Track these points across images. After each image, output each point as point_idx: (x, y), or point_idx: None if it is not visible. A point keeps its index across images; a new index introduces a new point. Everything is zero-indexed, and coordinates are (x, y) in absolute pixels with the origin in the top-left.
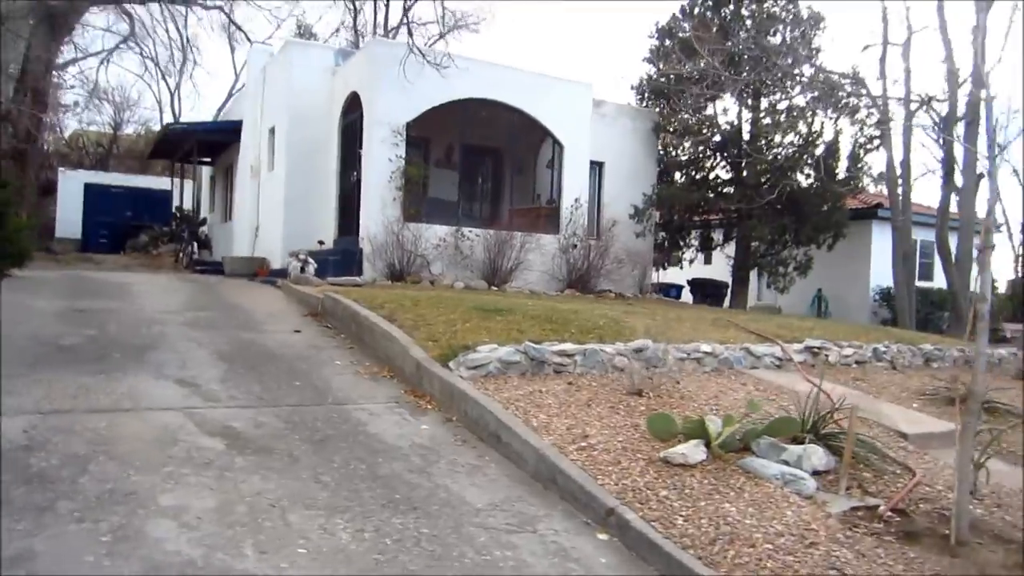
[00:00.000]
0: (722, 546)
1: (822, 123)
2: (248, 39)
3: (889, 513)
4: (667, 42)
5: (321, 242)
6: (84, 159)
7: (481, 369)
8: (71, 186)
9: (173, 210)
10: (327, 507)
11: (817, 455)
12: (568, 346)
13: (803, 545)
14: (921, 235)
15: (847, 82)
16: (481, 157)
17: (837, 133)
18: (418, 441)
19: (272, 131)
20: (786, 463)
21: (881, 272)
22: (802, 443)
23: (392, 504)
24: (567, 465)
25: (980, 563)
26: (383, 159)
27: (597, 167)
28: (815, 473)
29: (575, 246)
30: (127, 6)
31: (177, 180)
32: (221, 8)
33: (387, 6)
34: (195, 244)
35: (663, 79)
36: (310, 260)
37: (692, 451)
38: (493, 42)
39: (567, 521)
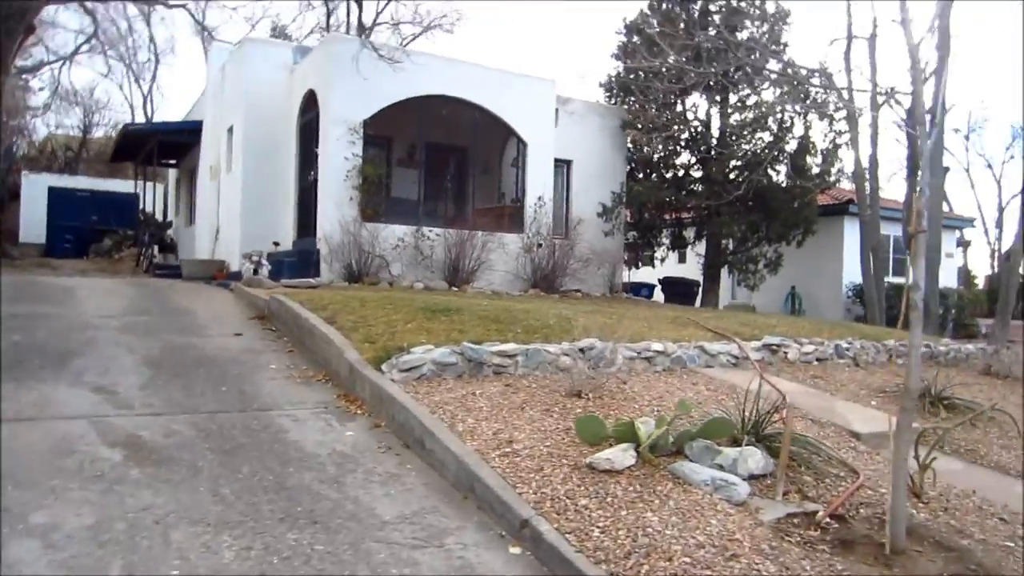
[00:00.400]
0: (637, 560)
1: (791, 119)
2: (213, 39)
3: (827, 520)
4: (635, 38)
5: (276, 243)
6: (53, 163)
7: (414, 371)
8: (35, 190)
9: (138, 214)
10: (218, 522)
11: (754, 458)
12: (509, 346)
13: (723, 558)
14: (892, 230)
15: (815, 77)
16: (446, 156)
17: (807, 129)
18: (339, 449)
19: (230, 131)
20: (720, 467)
21: (854, 269)
22: (741, 445)
23: (291, 518)
24: (486, 473)
25: (915, 573)
26: (339, 158)
27: (565, 165)
28: (752, 477)
29: (540, 245)
30: (89, 5)
31: (147, 183)
32: (184, 7)
33: (360, 6)
34: (155, 248)
35: (631, 76)
36: (264, 262)
37: (619, 456)
38: (465, 43)
39: (480, 534)
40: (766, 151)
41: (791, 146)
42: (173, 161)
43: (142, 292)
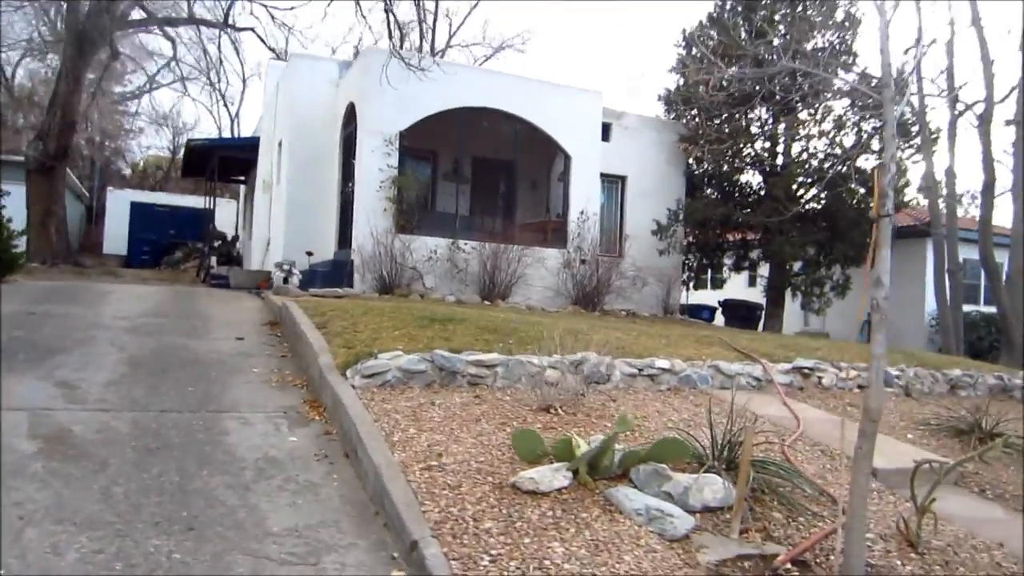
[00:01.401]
0: None
1: (862, 132)
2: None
3: (787, 566)
4: (693, 51)
5: (310, 253)
6: (144, 181)
7: (377, 378)
8: (118, 205)
9: (208, 229)
10: (85, 523)
11: (712, 487)
12: (487, 356)
13: None
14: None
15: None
16: (492, 170)
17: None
18: (271, 454)
19: (280, 145)
20: (668, 495)
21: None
22: (706, 471)
23: (168, 523)
24: (397, 487)
25: None
26: (374, 169)
27: (619, 181)
28: (707, 510)
29: (583, 261)
30: (169, 30)
31: (225, 199)
32: (252, 30)
33: (434, 30)
34: (213, 259)
35: (689, 88)
36: (294, 271)
37: (546, 476)
38: (531, 61)
39: (369, 554)
40: (833, 167)
41: (866, 162)
42: (242, 177)
43: (175, 298)
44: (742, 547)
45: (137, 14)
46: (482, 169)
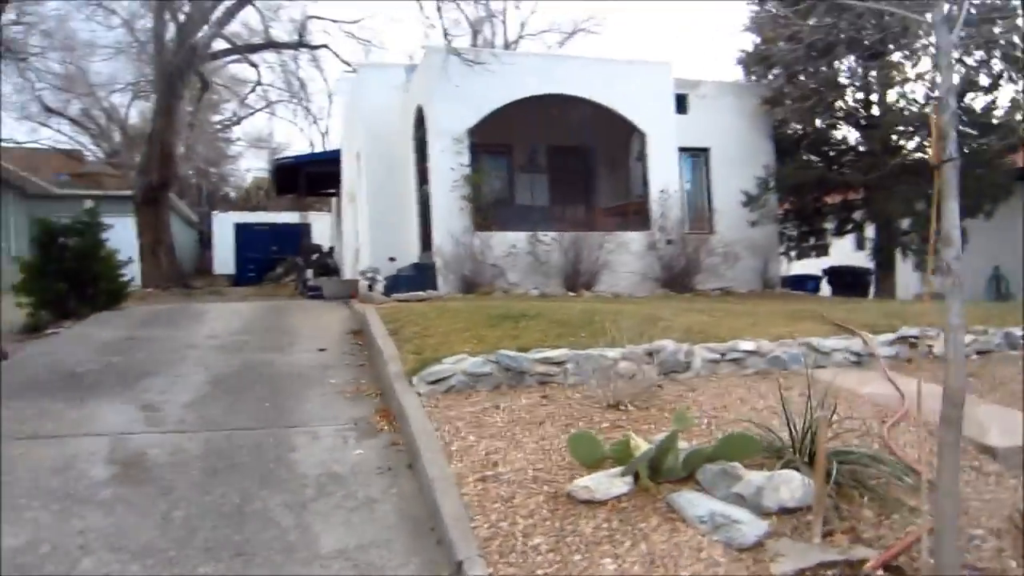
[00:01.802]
0: None
1: (968, 68)
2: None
3: (879, 572)
4: (768, 4)
5: (392, 258)
6: (248, 203)
7: (442, 384)
8: (224, 226)
9: (302, 243)
10: (139, 550)
11: (790, 485)
12: (556, 352)
13: None
14: None
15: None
16: (571, 157)
17: (970, 78)
18: (335, 469)
19: (358, 155)
20: (740, 497)
21: None
22: (783, 467)
23: (219, 548)
24: (449, 501)
25: None
26: (446, 169)
27: (702, 154)
28: (785, 511)
29: (670, 242)
30: (253, 56)
31: (317, 212)
32: (327, 46)
33: (504, 23)
34: (309, 272)
35: (766, 47)
36: (378, 277)
37: (603, 483)
38: (607, 42)
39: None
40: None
41: (973, 101)
42: (332, 190)
43: (267, 313)
44: (824, 553)
45: (219, 44)
46: (559, 157)
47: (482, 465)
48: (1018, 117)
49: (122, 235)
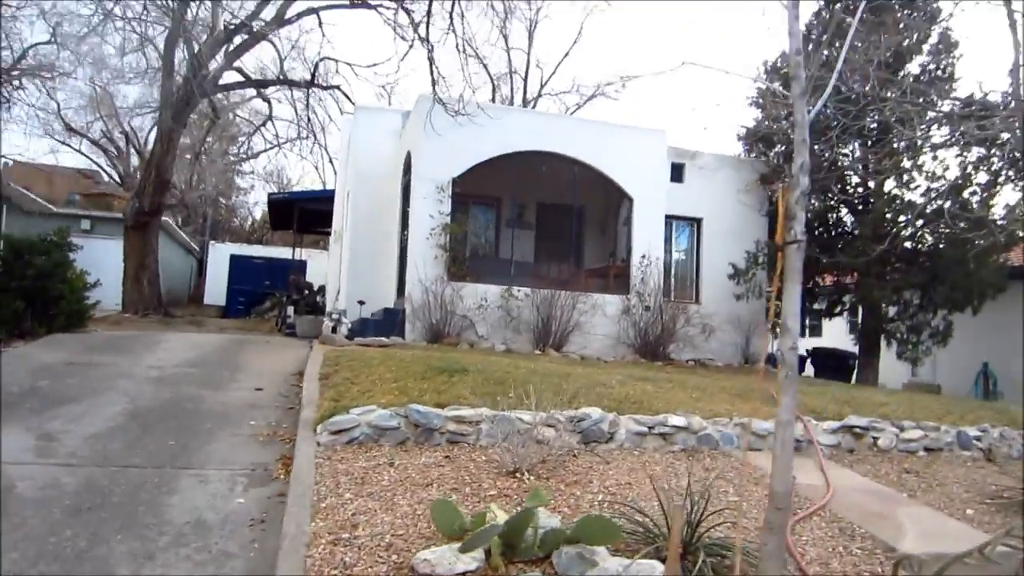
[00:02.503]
0: None
1: (966, 164)
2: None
3: None
4: (775, 83)
5: (361, 302)
6: (252, 236)
7: (344, 435)
8: (219, 257)
9: (290, 279)
10: None
11: None
12: (469, 411)
13: None
14: None
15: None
16: (560, 215)
17: (967, 173)
18: (205, 518)
19: (348, 195)
20: None
21: None
22: (655, 555)
23: None
24: (287, 564)
25: None
26: (425, 216)
27: (694, 223)
28: None
29: (647, 308)
30: (269, 91)
31: (317, 250)
32: (339, 88)
33: (525, 80)
34: (290, 308)
35: (769, 124)
36: (343, 319)
37: (448, 557)
38: (625, 109)
39: None
40: (931, 201)
41: (972, 196)
42: (327, 229)
43: (228, 347)
44: None
45: (234, 76)
46: (548, 214)
47: (342, 526)
48: (1015, 215)
49: (112, 258)
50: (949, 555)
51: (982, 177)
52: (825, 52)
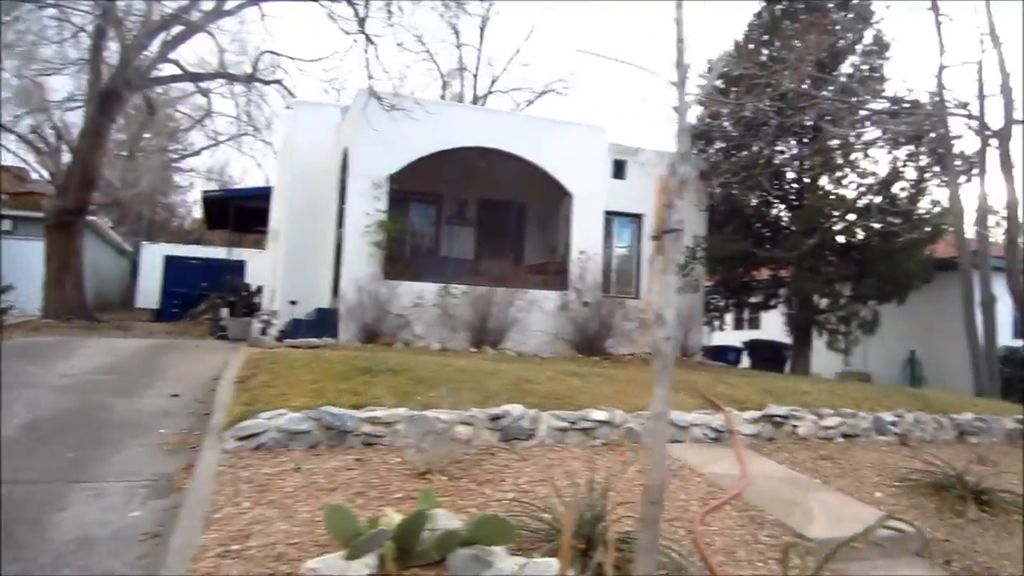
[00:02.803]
0: None
1: (896, 160)
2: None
3: None
4: (718, 82)
5: (293, 302)
6: (190, 236)
7: (252, 440)
8: (152, 258)
9: (225, 280)
10: None
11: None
12: (385, 412)
13: None
14: None
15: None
16: (501, 212)
17: (897, 169)
18: (94, 534)
19: (284, 192)
20: None
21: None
22: (546, 554)
23: None
24: None
25: None
26: (361, 213)
27: (637, 219)
28: None
29: (586, 304)
30: (203, 85)
31: (261, 250)
32: (280, 82)
33: (476, 77)
34: (224, 311)
35: (711, 122)
36: (273, 321)
37: (336, 565)
38: (575, 105)
39: None
40: (861, 197)
41: (901, 192)
42: (265, 228)
43: (151, 351)
44: None
45: (173, 70)
46: (489, 211)
47: (233, 537)
48: (938, 210)
49: (35, 260)
50: (841, 539)
51: (911, 173)
52: (766, 50)
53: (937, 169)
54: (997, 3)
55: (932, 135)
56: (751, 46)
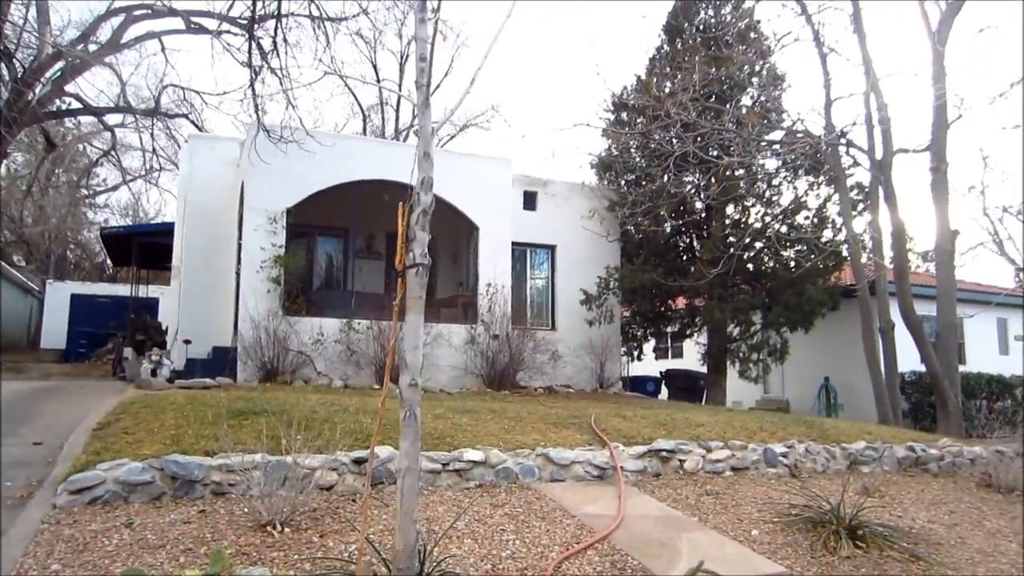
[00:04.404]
0: None
1: (797, 191)
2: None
3: None
4: (622, 115)
5: (187, 341)
6: (96, 273)
7: (87, 493)
8: (59, 297)
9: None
10: None
11: None
12: (239, 459)
13: None
14: (924, 309)
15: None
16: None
17: (799, 199)
18: None
19: (183, 228)
20: None
21: (902, 356)
22: None
23: None
24: None
25: None
26: (256, 249)
27: (549, 251)
28: None
29: (495, 337)
30: (107, 120)
31: (166, 287)
32: (186, 116)
33: (397, 110)
34: (127, 351)
35: (615, 154)
36: (164, 361)
37: None
38: (497, 139)
39: None
40: (766, 227)
41: (805, 220)
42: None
43: (32, 395)
44: None
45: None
46: (392, 244)
47: None
48: (840, 238)
49: None
50: None
51: (812, 202)
52: (668, 83)
53: (836, 198)
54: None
55: (826, 166)
56: (654, 79)
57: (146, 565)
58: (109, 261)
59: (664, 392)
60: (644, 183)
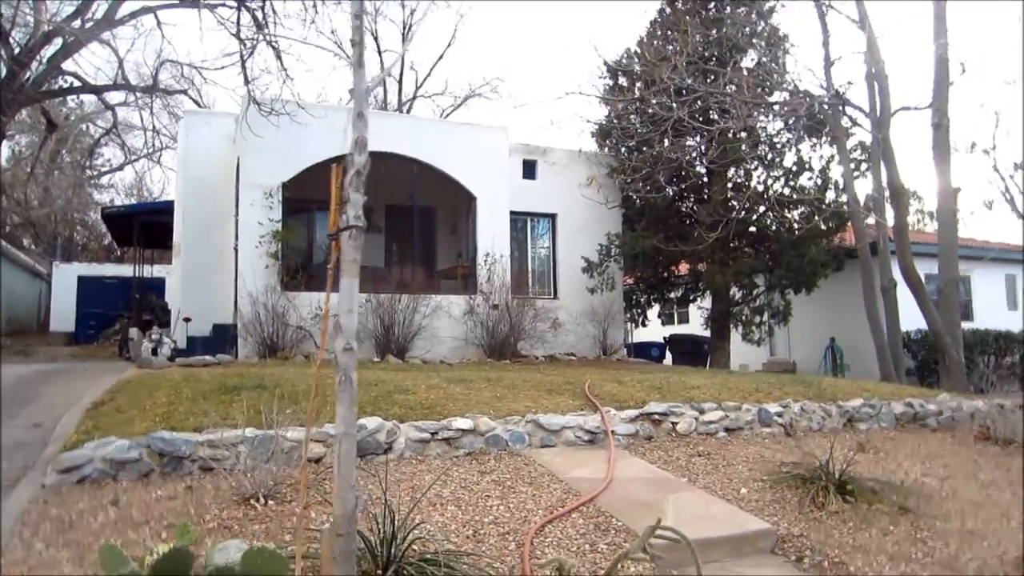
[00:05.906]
0: None
1: (798, 153)
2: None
3: None
4: (620, 80)
5: (187, 319)
6: (110, 255)
7: (75, 473)
8: (66, 279)
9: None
10: None
11: None
12: (226, 434)
13: None
14: (925, 267)
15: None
16: (409, 217)
17: (802, 160)
18: None
19: (182, 206)
20: None
21: (907, 315)
22: None
23: None
24: None
25: None
26: (254, 224)
27: (550, 219)
28: None
29: (495, 306)
30: (106, 98)
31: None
32: (185, 92)
33: (400, 83)
34: (133, 331)
35: (615, 120)
36: (164, 340)
37: None
38: (502, 108)
39: None
40: (768, 189)
41: (808, 181)
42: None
43: (34, 378)
44: None
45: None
46: (398, 216)
47: None
48: (843, 199)
49: None
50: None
51: (816, 163)
52: (669, 47)
53: (839, 158)
54: None
55: (827, 127)
56: (654, 41)
57: (129, 542)
58: (114, 242)
59: (669, 357)
60: (644, 149)
